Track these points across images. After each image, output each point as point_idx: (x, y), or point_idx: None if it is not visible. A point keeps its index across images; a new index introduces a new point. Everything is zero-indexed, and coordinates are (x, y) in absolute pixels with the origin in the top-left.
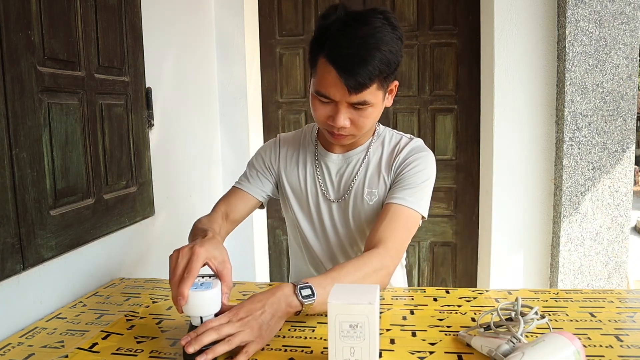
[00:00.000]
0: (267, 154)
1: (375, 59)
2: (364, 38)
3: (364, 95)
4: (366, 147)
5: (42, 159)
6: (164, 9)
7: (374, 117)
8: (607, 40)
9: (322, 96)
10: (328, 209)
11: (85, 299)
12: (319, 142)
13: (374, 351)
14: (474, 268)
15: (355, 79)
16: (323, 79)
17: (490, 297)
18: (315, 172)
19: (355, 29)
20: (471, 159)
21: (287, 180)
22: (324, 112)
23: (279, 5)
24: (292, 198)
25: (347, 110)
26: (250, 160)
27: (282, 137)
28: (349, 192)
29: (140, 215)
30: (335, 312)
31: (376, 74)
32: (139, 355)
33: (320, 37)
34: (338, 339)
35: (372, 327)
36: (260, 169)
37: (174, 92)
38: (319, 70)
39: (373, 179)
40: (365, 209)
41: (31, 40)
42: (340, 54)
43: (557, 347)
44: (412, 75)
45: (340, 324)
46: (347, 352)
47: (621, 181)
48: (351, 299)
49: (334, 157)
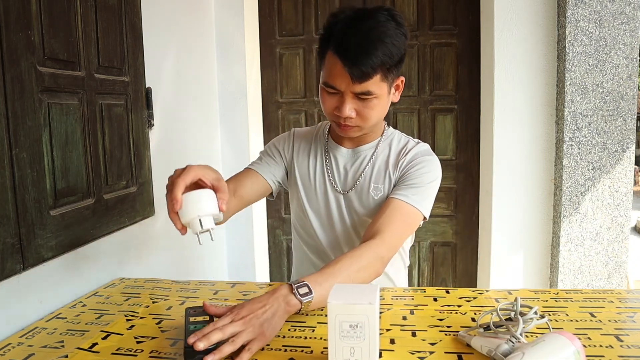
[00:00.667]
0: (281, 144)
1: (377, 50)
2: (368, 31)
3: (367, 85)
4: (375, 144)
5: (42, 159)
6: (164, 9)
7: (379, 109)
8: (607, 40)
9: (329, 87)
10: (336, 200)
11: (85, 299)
12: (329, 136)
13: (374, 351)
14: (474, 268)
15: (359, 68)
16: (330, 71)
17: (490, 297)
18: (324, 163)
19: (360, 23)
20: (471, 159)
21: (298, 170)
22: (331, 103)
23: (279, 5)
24: (301, 187)
25: (352, 101)
26: (264, 149)
27: (296, 131)
28: (356, 185)
29: (140, 215)
30: (335, 312)
31: (378, 64)
32: (139, 355)
33: (328, 32)
34: (338, 339)
35: (372, 327)
36: (272, 155)
37: (174, 92)
38: (327, 63)
39: (379, 175)
40: (370, 202)
41: (31, 40)
42: (345, 45)
43: (557, 347)
44: (412, 75)
45: (340, 324)
46: (347, 352)
47: (621, 181)
48: (351, 299)
49: (344, 150)
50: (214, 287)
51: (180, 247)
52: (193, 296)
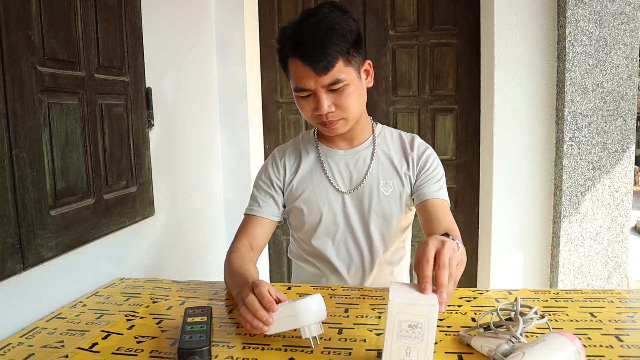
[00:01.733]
0: (271, 171)
1: (330, 36)
2: (316, 24)
3: (333, 74)
4: (371, 142)
5: (42, 159)
6: (164, 9)
7: (356, 96)
8: (607, 40)
9: (300, 90)
10: (341, 201)
11: (85, 299)
12: (320, 142)
13: (429, 354)
14: (474, 268)
15: (318, 59)
16: (295, 75)
17: (490, 297)
18: (321, 168)
19: (306, 21)
20: (471, 159)
21: (294, 182)
22: (308, 107)
23: (279, 5)
24: (299, 198)
25: (326, 96)
26: (256, 182)
27: (277, 150)
28: (362, 184)
29: (140, 215)
30: (396, 310)
31: (336, 50)
32: (139, 355)
33: (281, 42)
34: (395, 337)
35: (431, 329)
36: (268, 189)
37: (174, 92)
38: (290, 69)
39: (387, 172)
40: (381, 199)
41: (31, 40)
42: (299, 43)
43: (557, 347)
44: (412, 75)
45: (399, 323)
46: (402, 351)
47: (621, 181)
48: (414, 299)
49: (341, 152)
50: (214, 287)
51: (180, 247)
52: (193, 296)
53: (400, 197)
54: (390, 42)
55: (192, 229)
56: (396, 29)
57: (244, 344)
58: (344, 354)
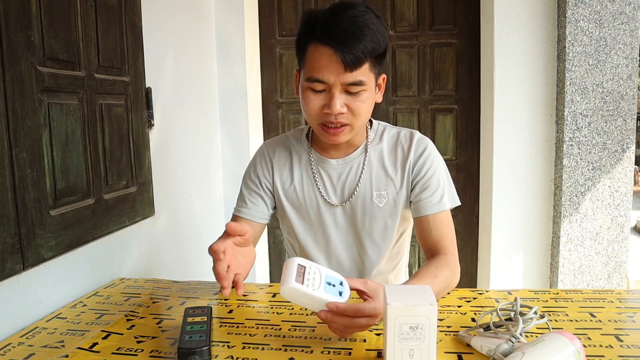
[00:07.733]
0: (259, 169)
1: (366, 35)
2: (353, 18)
3: (358, 73)
4: (363, 149)
5: (42, 159)
6: (164, 9)
7: (369, 105)
8: (607, 40)
9: (316, 81)
10: (332, 214)
11: (85, 299)
12: (312, 148)
13: (432, 352)
14: (474, 268)
15: (351, 52)
16: (316, 63)
17: (490, 297)
18: (312, 178)
19: (343, 13)
20: (471, 159)
21: (282, 190)
22: (317, 103)
23: (279, 5)
24: (288, 207)
25: (341, 95)
26: (244, 178)
27: (267, 144)
28: (354, 195)
29: (140, 215)
30: (395, 314)
31: (369, 50)
32: (139, 355)
33: (308, 26)
34: (397, 341)
35: (432, 328)
36: (256, 189)
37: (174, 92)
38: (310, 57)
39: (380, 181)
40: (375, 212)
41: (31, 40)
42: (334, 30)
43: (557, 347)
44: (412, 75)
45: (400, 326)
46: (406, 354)
47: (621, 181)
48: (412, 301)
49: (333, 162)
50: (214, 287)
51: (181, 247)
52: (193, 296)
53: (395, 206)
54: (390, 42)
55: (192, 229)
56: (396, 29)
57: (244, 344)
58: (344, 354)
